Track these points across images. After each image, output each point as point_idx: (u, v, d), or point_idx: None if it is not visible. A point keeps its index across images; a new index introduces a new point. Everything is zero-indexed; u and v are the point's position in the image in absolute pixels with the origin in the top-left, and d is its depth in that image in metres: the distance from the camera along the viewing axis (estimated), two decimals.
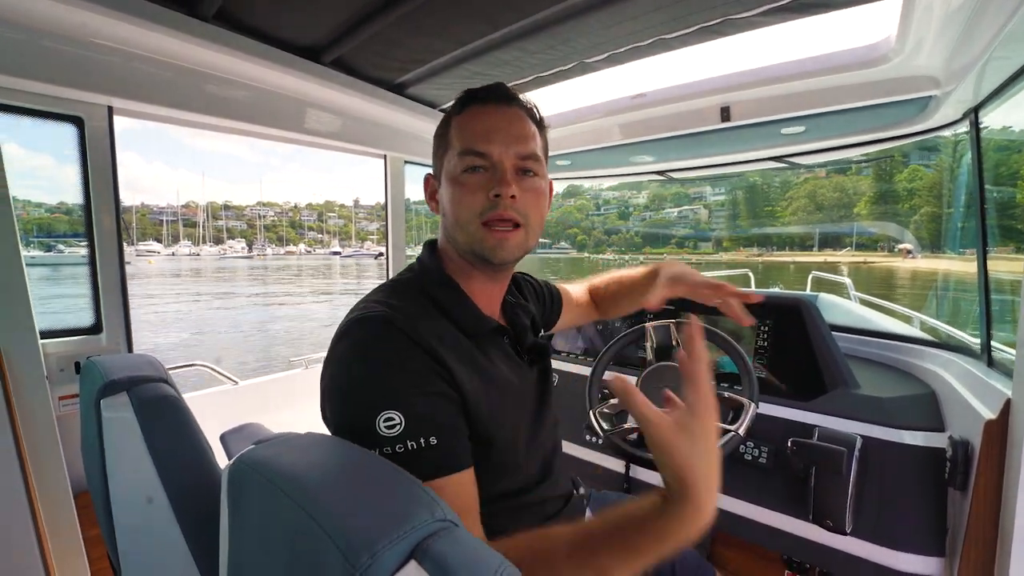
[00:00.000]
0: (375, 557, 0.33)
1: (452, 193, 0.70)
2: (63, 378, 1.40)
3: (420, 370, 0.60)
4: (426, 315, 0.67)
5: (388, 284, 0.74)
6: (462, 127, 0.71)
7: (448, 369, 0.62)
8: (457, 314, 0.71)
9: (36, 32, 1.14)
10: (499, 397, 0.69)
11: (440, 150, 0.75)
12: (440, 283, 0.73)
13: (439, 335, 0.65)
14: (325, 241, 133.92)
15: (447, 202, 0.72)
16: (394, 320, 0.61)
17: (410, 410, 0.56)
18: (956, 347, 1.39)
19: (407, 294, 0.70)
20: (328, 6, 1.17)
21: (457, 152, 0.70)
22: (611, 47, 1.33)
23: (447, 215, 0.72)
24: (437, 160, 0.77)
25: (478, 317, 0.73)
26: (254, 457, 0.45)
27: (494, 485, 0.69)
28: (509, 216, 0.68)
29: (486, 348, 0.73)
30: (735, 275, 7.87)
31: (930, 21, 1.03)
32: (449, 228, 0.73)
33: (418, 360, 0.60)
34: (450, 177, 0.71)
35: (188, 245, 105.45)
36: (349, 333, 0.62)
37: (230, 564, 0.49)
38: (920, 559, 1.03)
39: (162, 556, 0.77)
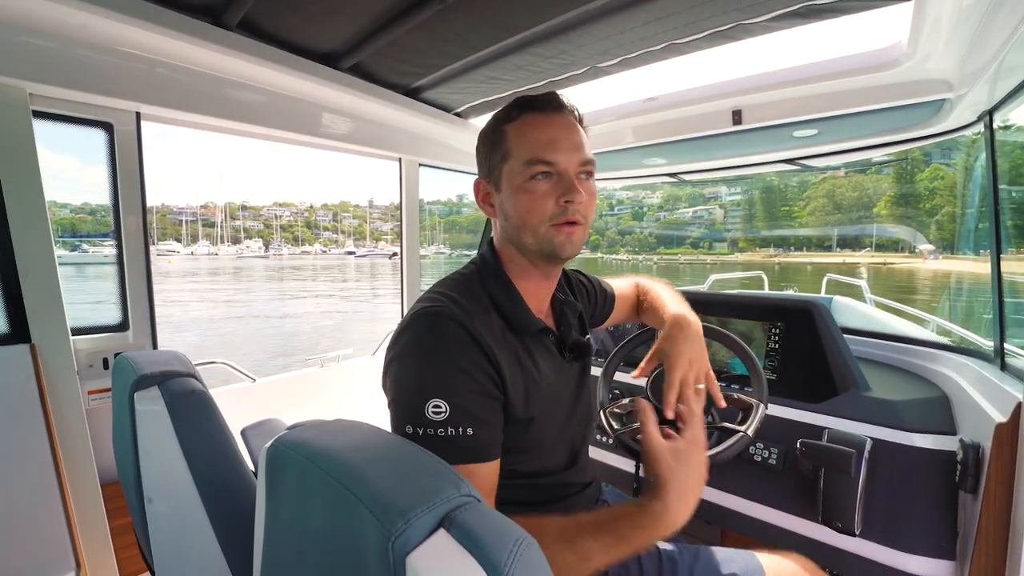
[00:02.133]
0: (408, 524, 0.36)
1: (520, 200, 0.75)
2: (92, 373, 1.46)
3: (470, 366, 0.66)
4: (483, 311, 0.74)
5: (453, 277, 0.80)
6: (522, 136, 0.75)
7: (497, 363, 0.69)
8: (509, 312, 0.77)
9: (68, 41, 1.20)
10: (537, 390, 0.76)
11: (495, 157, 0.78)
12: (498, 281, 0.79)
13: (492, 331, 0.72)
14: (340, 241, 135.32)
15: (513, 208, 0.76)
16: (454, 316, 0.68)
17: (455, 401, 0.64)
18: (969, 351, 1.38)
19: (468, 289, 0.76)
20: (347, 14, 1.21)
21: (523, 161, 0.74)
22: (623, 52, 1.35)
23: (512, 219, 0.77)
24: (491, 166, 0.79)
25: (528, 317, 0.78)
26: (291, 439, 0.49)
27: (525, 465, 0.77)
28: (576, 219, 0.75)
29: (531, 345, 0.79)
30: (749, 277, 7.78)
31: (942, 25, 1.03)
32: (514, 231, 0.77)
33: (470, 355, 0.67)
34: (515, 185, 0.75)
35: (207, 245, 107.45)
36: (413, 325, 0.69)
37: (265, 540, 0.52)
38: (930, 562, 1.03)
39: (191, 543, 0.81)
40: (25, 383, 1.26)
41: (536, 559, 0.38)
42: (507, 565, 0.35)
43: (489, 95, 1.73)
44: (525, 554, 0.37)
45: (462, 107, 1.87)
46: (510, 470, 0.73)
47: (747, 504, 1.27)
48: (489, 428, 0.67)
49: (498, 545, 0.36)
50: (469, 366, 0.66)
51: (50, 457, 1.30)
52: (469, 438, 0.64)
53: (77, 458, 1.37)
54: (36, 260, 1.26)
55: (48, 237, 1.27)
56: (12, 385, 1.24)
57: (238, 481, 0.83)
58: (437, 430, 0.62)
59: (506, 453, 0.73)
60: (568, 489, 0.86)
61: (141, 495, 0.92)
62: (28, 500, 1.27)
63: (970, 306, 2.03)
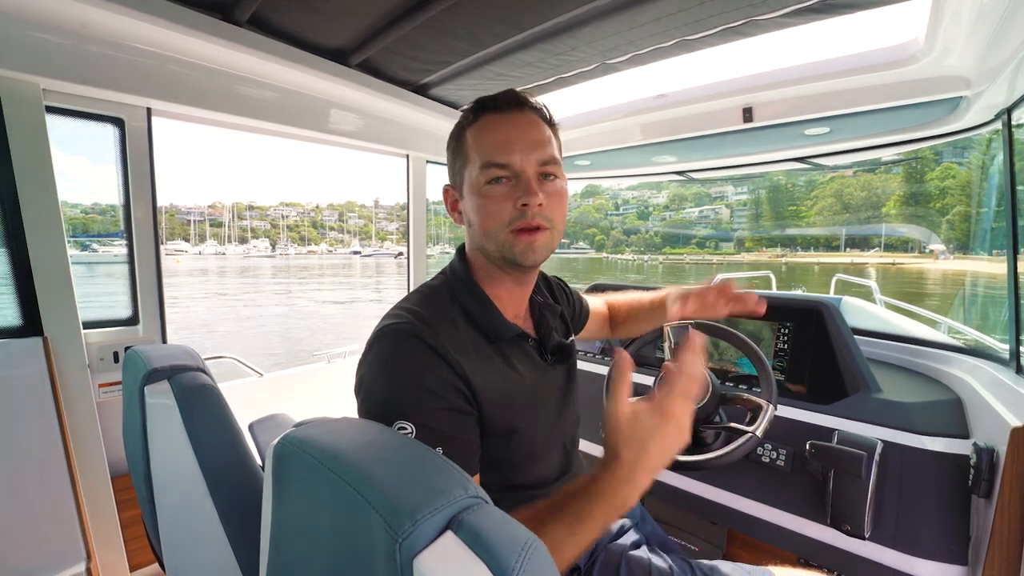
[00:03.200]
0: (416, 526, 0.35)
1: (478, 205, 0.72)
2: (102, 366, 1.47)
3: (436, 384, 0.64)
4: (451, 324, 0.71)
5: (420, 291, 0.77)
6: (479, 139, 0.73)
7: (466, 377, 0.66)
8: (482, 320, 0.74)
9: (81, 37, 1.21)
10: (518, 398, 0.73)
11: (457, 162, 0.76)
12: (468, 291, 0.76)
13: (462, 344, 0.69)
14: (346, 241, 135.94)
15: (473, 214, 0.73)
16: (418, 333, 0.66)
17: (420, 421, 0.61)
18: (983, 353, 1.36)
19: (437, 301, 0.74)
20: (356, 11, 1.21)
21: (479, 165, 0.71)
22: (633, 48, 1.34)
23: (474, 226, 0.74)
24: (455, 171, 0.77)
25: (502, 324, 0.75)
26: (298, 436, 0.49)
27: (514, 476, 0.74)
28: (536, 224, 0.71)
29: (509, 352, 0.76)
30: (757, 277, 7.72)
31: (961, 21, 1.01)
32: (477, 238, 0.75)
33: (436, 372, 0.64)
34: (474, 190, 0.73)
35: (214, 244, 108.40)
36: (378, 342, 0.67)
37: (272, 537, 0.52)
38: (941, 567, 1.02)
39: (199, 535, 0.82)
40: (38, 375, 1.27)
41: (545, 562, 0.37)
42: (515, 569, 0.34)
43: (497, 91, 1.72)
44: (534, 557, 0.36)
45: (470, 103, 1.86)
46: (503, 484, 0.70)
47: (754, 505, 1.26)
48: (462, 444, 0.64)
49: (506, 548, 0.35)
50: (435, 383, 0.64)
51: (61, 448, 1.31)
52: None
53: (88, 450, 1.38)
54: (49, 254, 1.27)
55: (60, 231, 1.28)
56: (25, 377, 1.26)
57: (246, 475, 0.84)
58: None
59: (496, 467, 0.71)
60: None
61: (151, 487, 0.92)
62: (40, 491, 1.28)
63: (984, 308, 2.00)
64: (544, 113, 0.77)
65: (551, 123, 0.78)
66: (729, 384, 1.46)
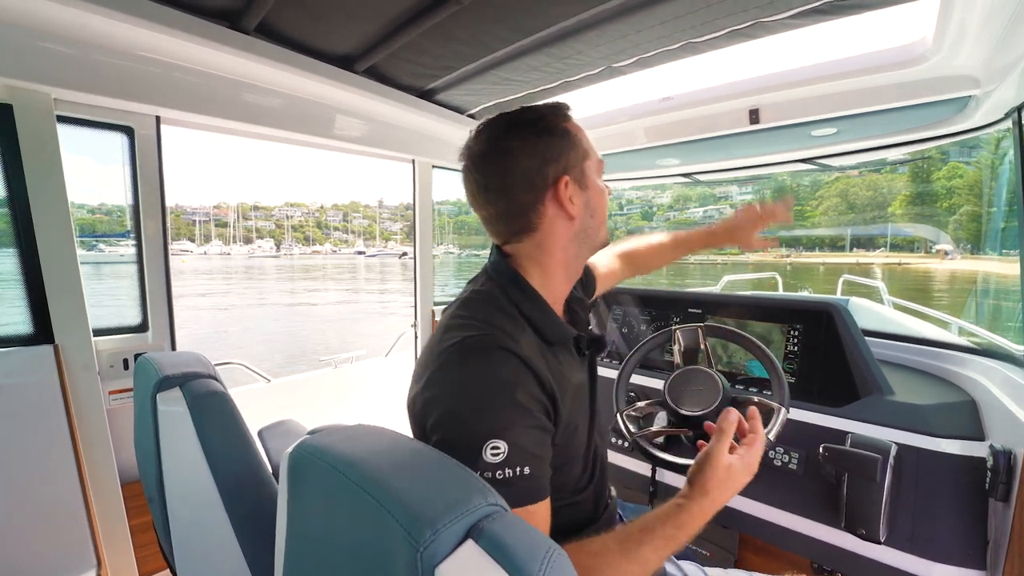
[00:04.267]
0: (436, 534, 0.35)
1: (602, 198, 0.79)
2: (112, 373, 1.48)
3: (527, 399, 0.63)
4: (522, 331, 0.70)
5: (478, 299, 0.74)
6: (585, 137, 0.78)
7: (550, 388, 0.67)
8: (543, 325, 0.74)
9: (89, 47, 1.22)
10: (573, 396, 0.75)
11: (575, 152, 0.75)
12: (525, 295, 0.74)
13: (534, 350, 0.69)
14: (350, 241, 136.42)
15: (598, 204, 0.79)
16: (505, 345, 0.65)
17: (514, 440, 0.60)
18: (997, 354, 1.35)
19: (502, 309, 0.72)
20: (363, 17, 1.22)
21: (596, 160, 0.79)
22: (639, 51, 1.34)
23: (596, 216, 0.79)
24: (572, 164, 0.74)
25: (561, 328, 0.76)
26: (313, 444, 0.49)
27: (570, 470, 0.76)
28: None
29: (559, 352, 0.76)
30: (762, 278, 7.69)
31: (970, 20, 1.00)
32: (594, 229, 0.79)
33: (526, 387, 0.64)
34: (594, 182, 0.78)
35: (219, 245, 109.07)
36: (461, 357, 0.65)
37: (287, 543, 0.52)
38: (958, 571, 1.01)
39: (211, 542, 0.82)
40: (49, 383, 1.28)
41: (566, 570, 0.37)
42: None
43: (503, 96, 1.73)
44: (556, 565, 0.36)
45: (476, 108, 1.87)
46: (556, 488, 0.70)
47: (766, 509, 1.25)
48: (543, 464, 0.65)
49: (528, 556, 0.35)
50: (525, 399, 0.63)
51: (72, 455, 1.32)
52: (527, 477, 0.60)
53: (98, 457, 1.39)
54: (60, 263, 1.28)
55: (71, 240, 1.29)
56: (36, 385, 1.27)
57: (257, 482, 0.84)
58: (496, 473, 0.58)
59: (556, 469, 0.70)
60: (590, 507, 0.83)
61: (163, 494, 0.93)
62: (51, 497, 1.29)
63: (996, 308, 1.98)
64: None
65: None
66: (740, 387, 1.46)
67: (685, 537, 0.66)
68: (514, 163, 0.72)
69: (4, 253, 1.27)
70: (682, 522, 0.67)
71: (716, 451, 0.71)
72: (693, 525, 0.67)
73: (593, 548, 0.63)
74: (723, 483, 0.69)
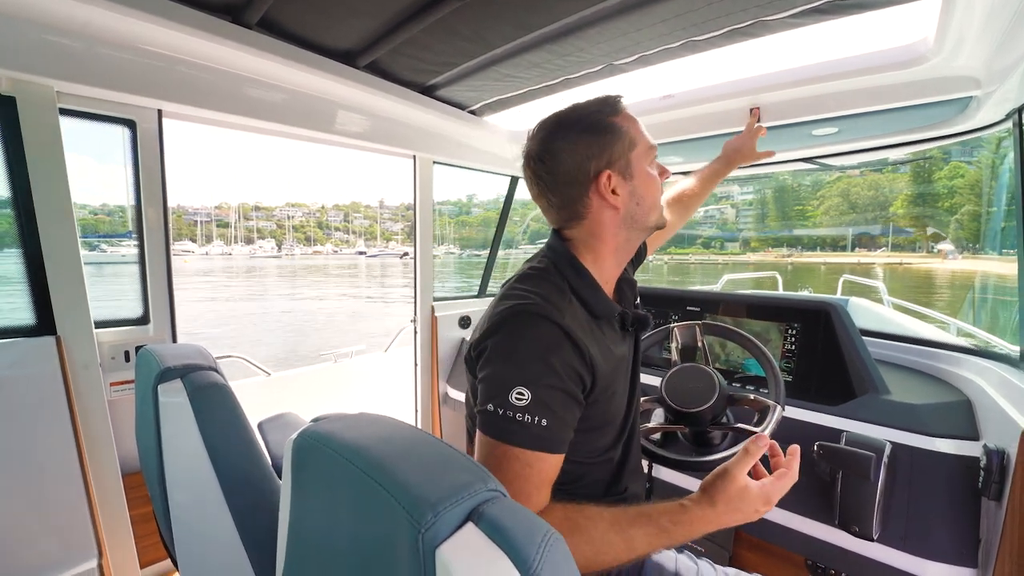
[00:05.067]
0: (437, 517, 0.36)
1: (652, 183, 0.83)
2: (114, 365, 1.49)
3: (560, 364, 0.70)
4: (568, 302, 0.78)
5: (533, 274, 0.82)
6: (635, 127, 0.82)
7: (590, 357, 0.73)
8: (591, 300, 0.81)
9: (92, 40, 1.22)
10: (615, 370, 0.82)
11: (620, 146, 0.80)
12: (576, 272, 0.82)
13: (580, 322, 0.76)
14: (351, 241, 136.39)
15: (646, 191, 0.83)
16: (548, 314, 0.72)
17: (537, 393, 0.68)
18: (993, 354, 1.35)
19: (553, 283, 0.80)
20: (365, 12, 1.22)
21: (647, 147, 0.82)
22: (640, 49, 1.34)
23: (644, 202, 0.83)
24: (616, 156, 0.80)
25: (607, 304, 0.83)
26: (318, 431, 0.50)
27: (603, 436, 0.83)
28: None
29: (605, 327, 0.84)
30: (763, 277, 7.70)
31: (971, 21, 1.01)
32: (643, 214, 0.83)
33: (562, 353, 0.71)
34: (646, 170, 0.82)
35: (221, 245, 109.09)
36: (509, 321, 0.73)
37: (291, 527, 0.53)
38: (950, 569, 1.01)
39: (212, 532, 0.83)
40: (51, 374, 1.29)
41: (563, 554, 0.38)
42: (535, 560, 0.35)
43: (504, 93, 1.73)
44: (553, 548, 0.37)
45: (477, 105, 1.87)
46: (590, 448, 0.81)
47: None
48: (563, 424, 0.71)
49: (526, 539, 0.36)
50: (559, 364, 0.70)
51: (74, 446, 1.33)
52: (543, 428, 0.68)
53: (99, 448, 1.40)
54: (62, 254, 1.29)
55: (73, 232, 1.30)
56: (38, 376, 1.28)
57: (257, 472, 0.85)
58: (516, 414, 0.68)
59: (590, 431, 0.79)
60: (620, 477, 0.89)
61: (164, 485, 0.94)
62: (52, 488, 1.30)
63: (994, 308, 1.98)
64: None
65: None
66: (736, 385, 1.46)
67: (680, 534, 0.68)
68: (559, 162, 0.81)
69: (6, 244, 1.28)
70: (679, 519, 0.69)
71: (735, 469, 0.71)
72: (690, 527, 0.68)
73: (588, 512, 0.69)
74: (732, 501, 0.69)
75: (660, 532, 0.68)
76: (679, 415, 1.10)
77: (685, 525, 0.68)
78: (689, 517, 0.69)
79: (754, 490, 0.70)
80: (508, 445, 0.68)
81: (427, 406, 2.34)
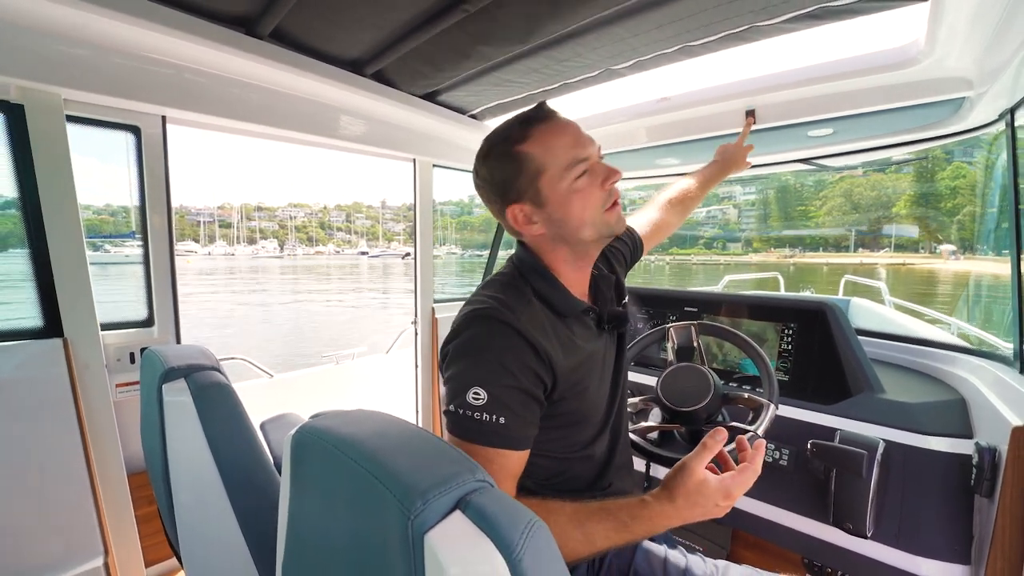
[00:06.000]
0: (426, 505, 0.38)
1: (573, 202, 0.80)
2: (119, 367, 1.51)
3: (515, 364, 0.72)
4: (528, 304, 0.79)
5: (495, 280, 0.86)
6: (548, 146, 0.79)
7: (546, 355, 0.75)
8: (552, 298, 0.83)
9: (99, 48, 1.25)
10: (584, 366, 0.83)
11: (523, 177, 0.79)
12: (538, 274, 0.84)
13: (540, 322, 0.78)
14: (353, 242, 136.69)
15: (565, 213, 0.81)
16: (502, 317, 0.74)
17: (494, 392, 0.71)
18: (987, 353, 1.36)
19: (513, 286, 0.83)
20: (373, 24, 1.24)
21: (562, 167, 0.78)
22: (637, 55, 1.36)
23: (567, 223, 0.81)
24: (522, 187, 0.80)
25: (571, 301, 0.84)
26: (316, 426, 0.52)
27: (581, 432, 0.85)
28: (616, 197, 0.83)
29: (574, 325, 0.85)
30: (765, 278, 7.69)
31: (960, 22, 1.02)
32: (570, 232, 0.82)
33: (516, 353, 0.73)
34: (562, 192, 0.79)
35: (223, 245, 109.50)
36: (467, 325, 0.76)
37: (290, 518, 0.55)
38: (944, 566, 1.03)
39: (215, 529, 0.85)
40: (58, 375, 1.31)
41: (545, 540, 0.40)
42: (519, 545, 0.37)
43: (504, 97, 1.75)
44: (536, 535, 0.39)
45: (477, 109, 1.89)
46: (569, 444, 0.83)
47: (757, 504, 1.27)
48: (522, 422, 0.73)
49: (510, 527, 0.38)
50: (513, 364, 0.72)
51: (80, 446, 1.35)
52: (501, 426, 0.71)
53: (105, 448, 1.42)
54: (69, 258, 1.31)
55: (80, 236, 1.32)
56: (46, 377, 1.30)
57: (259, 470, 0.86)
58: (474, 413, 0.70)
59: (565, 427, 0.82)
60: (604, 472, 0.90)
61: (168, 484, 0.95)
62: (59, 487, 1.32)
63: (989, 308, 1.99)
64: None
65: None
66: (733, 384, 1.47)
67: (640, 530, 0.69)
68: (482, 190, 0.87)
69: (15, 248, 1.30)
70: (638, 514, 0.69)
71: (692, 463, 0.70)
72: (650, 522, 0.69)
73: (550, 506, 0.71)
74: (691, 495, 0.68)
75: (619, 527, 0.69)
76: (675, 414, 1.12)
77: (644, 520, 0.69)
78: (648, 512, 0.69)
79: (712, 484, 0.69)
80: (469, 443, 0.70)
81: (427, 406, 2.36)
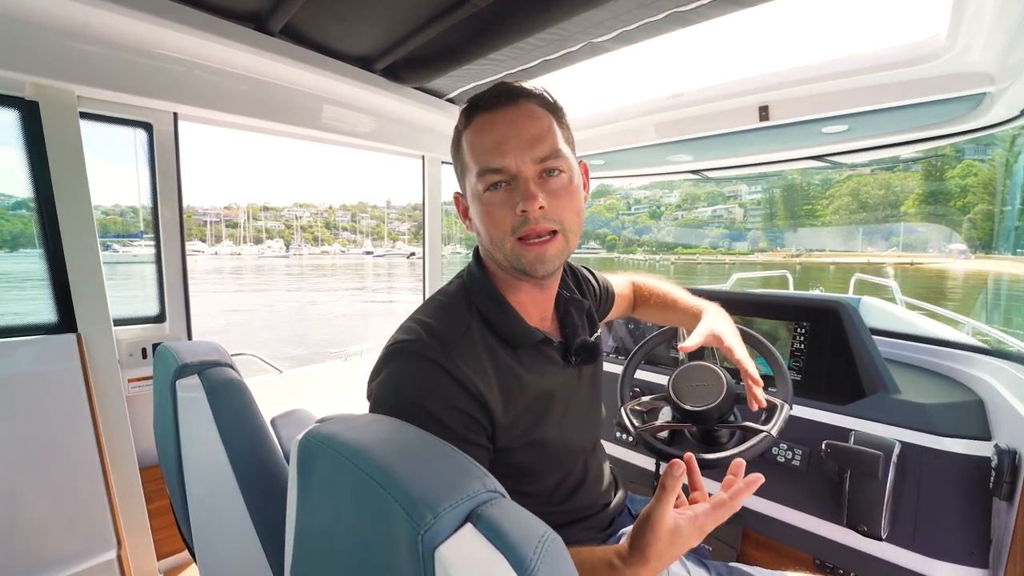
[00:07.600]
0: (437, 518, 0.37)
1: (480, 214, 0.68)
2: (131, 362, 1.52)
3: (437, 407, 0.61)
4: (466, 334, 0.67)
5: (436, 299, 0.74)
6: (473, 143, 0.67)
7: (479, 396, 0.64)
8: (501, 327, 0.70)
9: (112, 45, 1.25)
10: (539, 405, 0.71)
11: (459, 169, 0.73)
12: (486, 294, 0.72)
13: (476, 356, 0.66)
14: (358, 241, 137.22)
15: (478, 223, 0.70)
16: (428, 354, 0.63)
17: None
18: (1007, 354, 1.34)
19: (452, 309, 0.71)
20: (385, 20, 1.24)
21: (475, 172, 0.66)
22: (620, 24, 1.22)
23: (481, 235, 0.71)
24: (460, 179, 0.74)
25: (522, 330, 0.71)
26: (321, 432, 0.50)
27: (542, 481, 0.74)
28: (542, 228, 0.65)
29: (529, 358, 0.72)
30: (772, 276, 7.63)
31: (983, 17, 1.00)
32: (486, 247, 0.71)
33: (441, 395, 0.62)
34: (475, 198, 0.69)
35: (230, 245, 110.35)
36: (388, 362, 0.66)
37: (297, 526, 0.54)
38: (960, 569, 1.01)
39: (228, 524, 0.85)
40: (72, 370, 1.32)
41: (561, 555, 0.38)
42: (533, 561, 0.35)
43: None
44: (550, 550, 0.37)
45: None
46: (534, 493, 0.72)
47: (769, 505, 1.26)
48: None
49: (524, 541, 0.36)
50: (436, 407, 0.61)
51: (94, 441, 1.36)
52: None
53: (118, 442, 1.43)
54: (82, 254, 1.32)
55: (93, 232, 1.33)
56: (60, 372, 1.31)
57: (271, 466, 0.86)
58: None
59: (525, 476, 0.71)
60: (590, 509, 0.84)
61: (182, 477, 0.96)
62: (73, 481, 1.33)
63: (1007, 308, 1.95)
64: (544, 99, 0.69)
65: (554, 108, 0.70)
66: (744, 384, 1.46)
67: None
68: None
69: (30, 245, 1.31)
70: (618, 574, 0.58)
71: (658, 513, 0.57)
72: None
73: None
74: (665, 549, 0.57)
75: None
76: (686, 413, 1.10)
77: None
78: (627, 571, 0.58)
79: (685, 529, 0.58)
80: None
81: None
